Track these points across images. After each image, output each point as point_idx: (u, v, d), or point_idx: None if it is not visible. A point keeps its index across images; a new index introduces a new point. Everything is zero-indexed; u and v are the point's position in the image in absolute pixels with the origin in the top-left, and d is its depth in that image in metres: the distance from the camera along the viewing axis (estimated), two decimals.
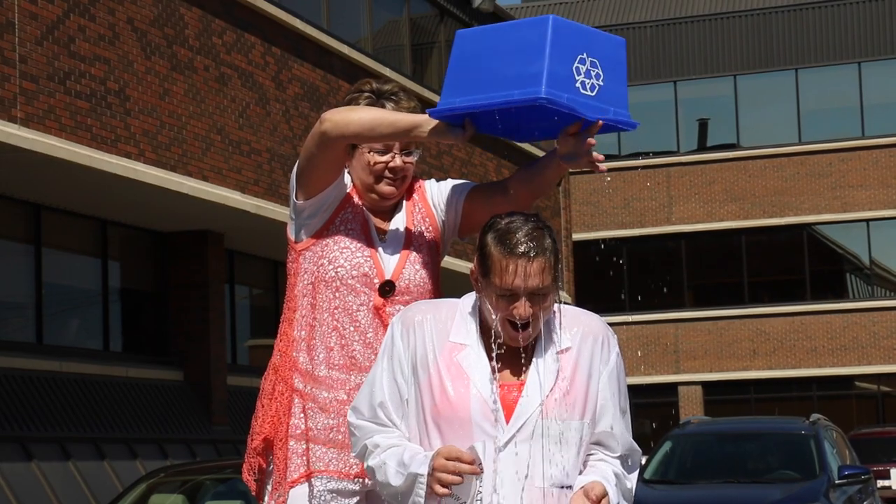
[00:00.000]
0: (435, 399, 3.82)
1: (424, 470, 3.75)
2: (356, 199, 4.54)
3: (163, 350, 20.51)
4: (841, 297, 42.15)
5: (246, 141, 19.55)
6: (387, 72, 23.40)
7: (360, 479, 4.43)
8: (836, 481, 14.55)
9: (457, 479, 3.71)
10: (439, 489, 3.73)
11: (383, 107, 4.46)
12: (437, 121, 4.33)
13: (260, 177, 19.78)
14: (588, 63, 4.29)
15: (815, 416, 16.11)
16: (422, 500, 3.78)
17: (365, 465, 3.95)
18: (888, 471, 25.29)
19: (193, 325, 20.31)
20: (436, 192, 4.63)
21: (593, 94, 4.28)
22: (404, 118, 4.38)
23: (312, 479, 4.41)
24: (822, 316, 41.54)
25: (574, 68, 4.25)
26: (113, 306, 19.97)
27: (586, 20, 44.15)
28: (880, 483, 21.95)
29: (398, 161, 4.48)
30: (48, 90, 15.74)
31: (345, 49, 22.17)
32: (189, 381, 20.59)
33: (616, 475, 3.90)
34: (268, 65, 20.21)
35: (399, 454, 3.84)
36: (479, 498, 3.78)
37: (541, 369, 3.83)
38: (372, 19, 24.28)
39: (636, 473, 3.99)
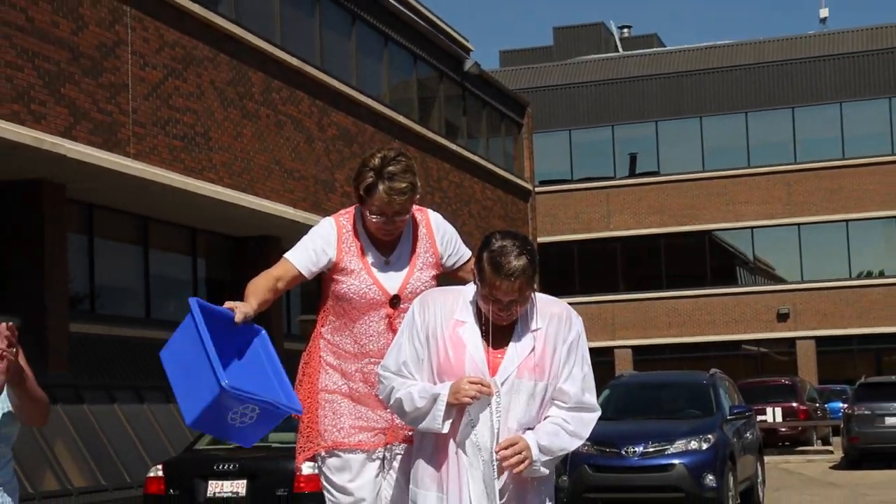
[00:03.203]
0: (440, 360, 3.81)
1: (445, 391, 3.71)
2: (354, 236, 4.32)
3: None
4: (732, 284, 42.16)
5: (297, 170, 19.56)
6: (401, 118, 23.41)
7: (379, 450, 4.30)
8: (728, 417, 14.60)
9: (476, 394, 3.65)
10: (463, 399, 3.66)
11: (381, 183, 4.17)
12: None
13: (307, 196, 19.79)
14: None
15: (713, 370, 16.12)
16: (440, 415, 3.71)
17: (392, 401, 3.85)
18: (765, 409, 25.44)
19: None
20: (443, 234, 4.43)
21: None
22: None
23: (339, 451, 4.29)
24: (718, 297, 41.57)
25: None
26: (200, 291, 19.97)
27: (545, 81, 44.15)
28: (760, 418, 22.01)
29: (389, 222, 4.25)
30: (153, 133, 15.76)
31: (370, 101, 22.16)
32: None
33: (556, 424, 3.81)
34: (313, 113, 20.21)
35: (423, 385, 3.80)
36: (498, 416, 3.72)
37: (518, 343, 3.82)
38: (389, 79, 24.29)
39: (594, 415, 3.86)
